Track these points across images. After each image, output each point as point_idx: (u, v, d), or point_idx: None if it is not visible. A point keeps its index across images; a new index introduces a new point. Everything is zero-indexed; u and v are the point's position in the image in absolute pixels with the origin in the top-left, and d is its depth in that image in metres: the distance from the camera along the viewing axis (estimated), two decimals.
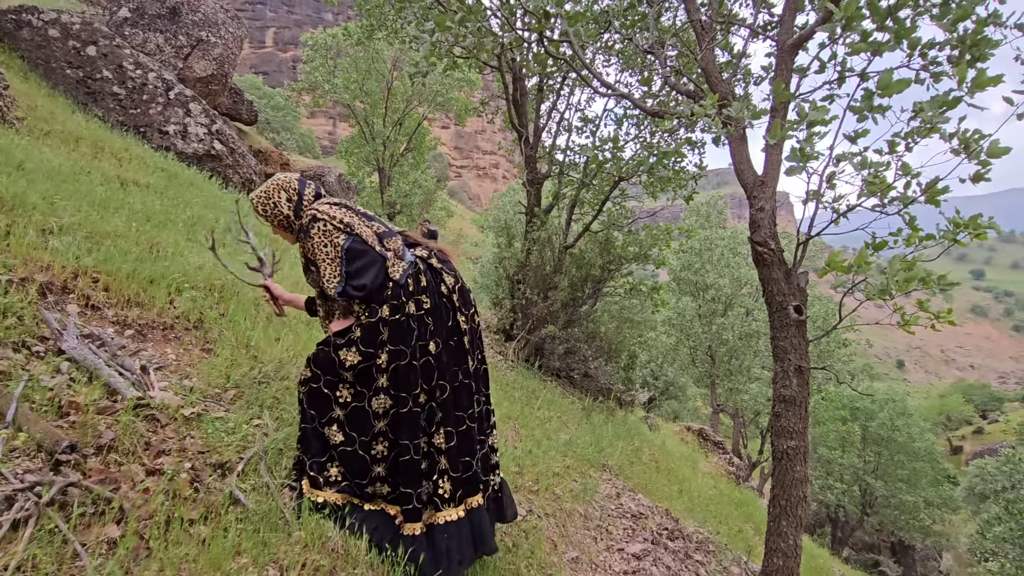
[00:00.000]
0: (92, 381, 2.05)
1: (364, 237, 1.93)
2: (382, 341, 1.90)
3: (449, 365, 2.02)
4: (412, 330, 1.92)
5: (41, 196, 3.38)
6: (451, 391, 2.01)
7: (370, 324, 1.90)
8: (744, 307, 16.54)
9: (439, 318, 2.00)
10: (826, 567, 6.85)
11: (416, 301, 1.94)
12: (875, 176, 2.90)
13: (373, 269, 1.90)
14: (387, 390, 1.91)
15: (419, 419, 1.93)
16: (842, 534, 20.54)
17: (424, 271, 2.01)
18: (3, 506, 1.37)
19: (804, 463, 3.22)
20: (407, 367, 1.91)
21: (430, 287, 2.00)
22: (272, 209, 2.01)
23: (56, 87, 7.47)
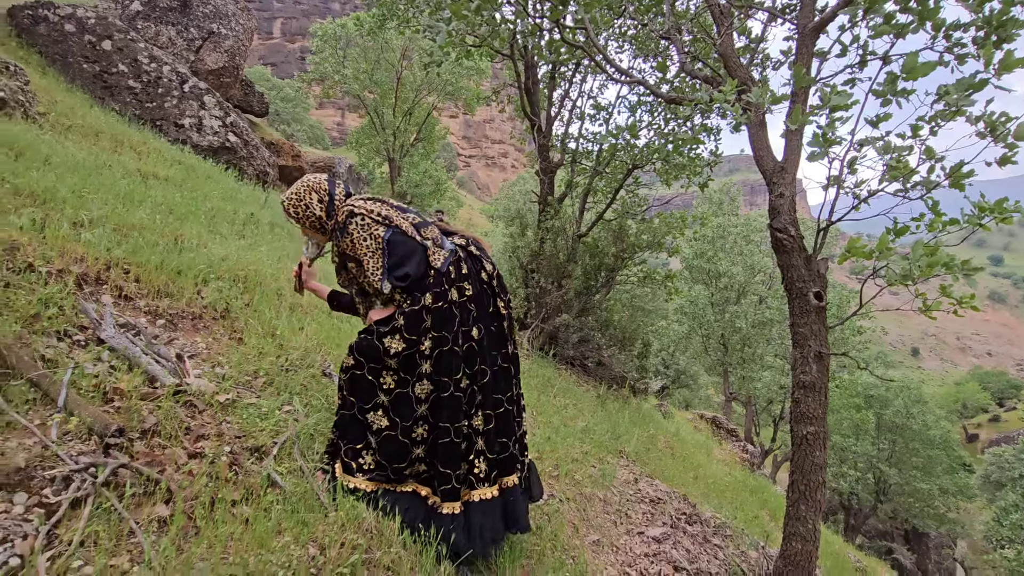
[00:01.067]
0: (132, 369, 2.12)
1: (403, 228, 1.97)
2: (425, 328, 1.93)
3: (489, 350, 2.06)
4: (455, 316, 1.95)
5: (70, 190, 3.46)
6: (491, 375, 2.05)
7: (413, 312, 1.92)
8: (757, 295, 16.44)
9: (481, 304, 2.04)
10: (841, 553, 6.87)
11: (458, 288, 1.98)
12: (898, 160, 2.88)
13: (415, 258, 1.93)
14: (430, 376, 1.95)
15: (461, 403, 1.96)
16: (855, 521, 20.52)
17: (464, 259, 2.05)
18: (61, 485, 1.43)
19: (823, 449, 3.23)
20: (450, 353, 1.94)
21: (471, 274, 2.03)
22: (304, 211, 2.04)
23: (74, 82, 7.56)
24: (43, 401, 1.70)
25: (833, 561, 5.87)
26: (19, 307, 1.99)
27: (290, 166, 12.64)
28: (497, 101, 8.91)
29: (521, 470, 2.19)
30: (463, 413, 1.98)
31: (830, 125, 2.82)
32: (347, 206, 2.01)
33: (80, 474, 1.46)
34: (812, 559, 3.36)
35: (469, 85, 17.61)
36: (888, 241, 2.96)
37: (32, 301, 2.10)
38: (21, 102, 5.36)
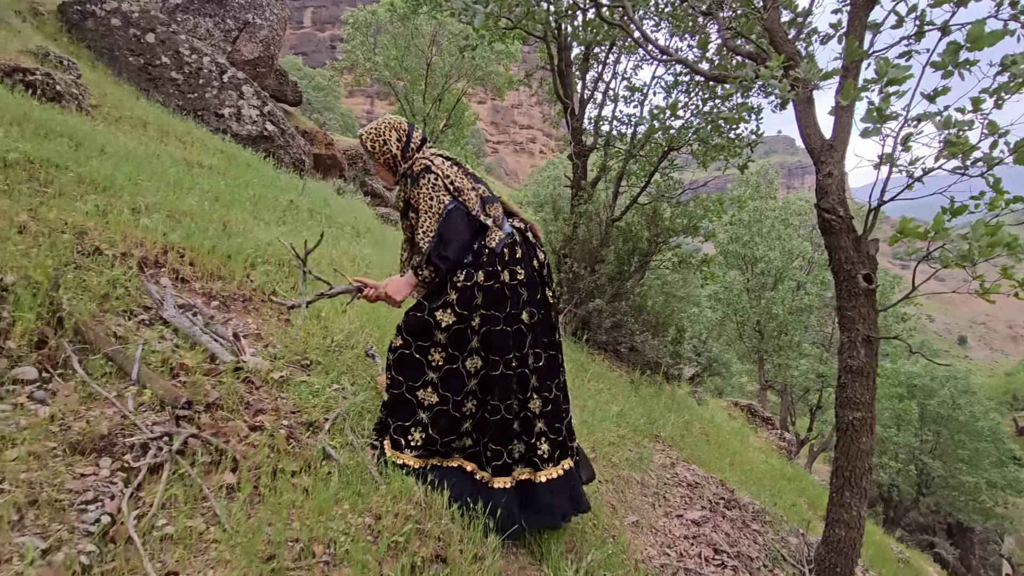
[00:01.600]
0: (193, 347, 2.22)
1: (469, 205, 1.99)
2: (476, 305, 1.97)
3: (541, 336, 2.08)
4: (506, 297, 1.99)
5: (126, 178, 3.61)
6: (545, 360, 2.08)
7: (466, 287, 1.97)
8: (795, 280, 15.97)
9: (532, 290, 2.06)
10: (883, 543, 6.72)
11: (510, 271, 2.00)
12: (958, 136, 2.75)
13: (460, 242, 1.96)
14: (479, 351, 2.00)
15: (511, 382, 2.00)
16: (895, 514, 19.96)
17: (520, 243, 2.07)
18: (140, 452, 1.53)
19: (870, 435, 3.16)
20: (500, 333, 1.98)
21: (524, 259, 2.05)
22: (381, 147, 2.08)
23: (121, 74, 7.84)
24: (118, 375, 1.81)
25: (875, 550, 5.75)
26: (92, 288, 2.11)
27: (324, 154, 12.84)
28: (529, 84, 8.84)
29: (572, 454, 2.22)
30: (513, 392, 2.01)
31: (885, 99, 2.71)
32: (425, 159, 2.04)
33: (156, 442, 1.56)
34: (856, 547, 3.30)
35: (499, 69, 17.50)
36: (944, 221, 2.84)
37: (101, 282, 2.22)
38: (75, 95, 5.59)
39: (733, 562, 2.90)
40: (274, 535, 1.45)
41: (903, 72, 2.57)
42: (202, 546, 1.37)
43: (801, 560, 3.49)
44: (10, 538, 1.15)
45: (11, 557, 1.11)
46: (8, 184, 2.52)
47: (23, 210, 2.26)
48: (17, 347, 1.64)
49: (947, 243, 2.84)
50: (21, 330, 1.67)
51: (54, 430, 1.47)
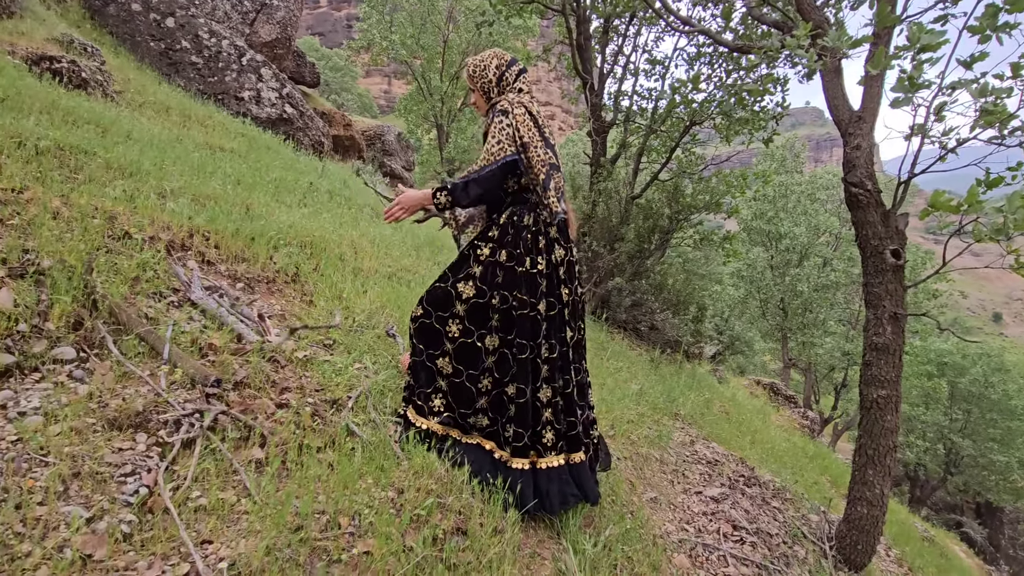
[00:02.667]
0: (220, 327, 2.29)
1: (532, 162, 1.98)
2: (496, 283, 2.01)
3: (556, 329, 2.08)
4: (521, 284, 2.00)
5: (152, 163, 3.69)
6: (559, 353, 2.08)
7: (489, 263, 2.01)
8: (821, 257, 15.57)
9: (551, 282, 2.06)
10: (907, 521, 6.67)
11: (531, 259, 2.02)
12: (995, 104, 2.63)
13: (484, 191, 1.97)
14: (498, 331, 2.03)
15: (527, 367, 2.02)
16: (921, 493, 19.69)
17: (561, 227, 2.09)
18: (173, 428, 1.60)
19: (895, 413, 3.12)
20: (520, 317, 2.00)
21: (546, 250, 2.05)
22: (481, 71, 2.13)
23: (143, 60, 7.93)
24: (150, 354, 1.88)
25: (899, 529, 5.70)
26: (123, 271, 2.18)
27: (342, 135, 12.88)
28: (547, 60, 8.68)
29: (587, 450, 2.22)
30: (530, 378, 2.02)
31: (918, 67, 2.59)
32: (508, 102, 2.02)
33: (188, 418, 1.63)
34: (878, 524, 3.29)
35: (517, 45, 17.20)
36: (978, 193, 2.74)
37: (132, 266, 2.29)
38: (100, 82, 5.69)
39: (752, 538, 2.92)
40: (302, 507, 1.51)
41: (937, 38, 2.46)
42: (234, 517, 1.44)
43: (822, 537, 3.49)
44: (57, 507, 1.22)
45: (59, 525, 1.18)
46: (41, 171, 2.60)
47: (55, 196, 2.33)
48: (56, 328, 1.72)
49: (981, 216, 2.74)
50: (59, 312, 1.75)
51: (93, 407, 1.54)
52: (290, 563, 1.33)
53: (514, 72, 2.14)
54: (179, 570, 1.18)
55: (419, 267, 5.03)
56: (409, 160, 16.20)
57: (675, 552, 2.60)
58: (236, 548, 1.30)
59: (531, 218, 2.04)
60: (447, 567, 1.62)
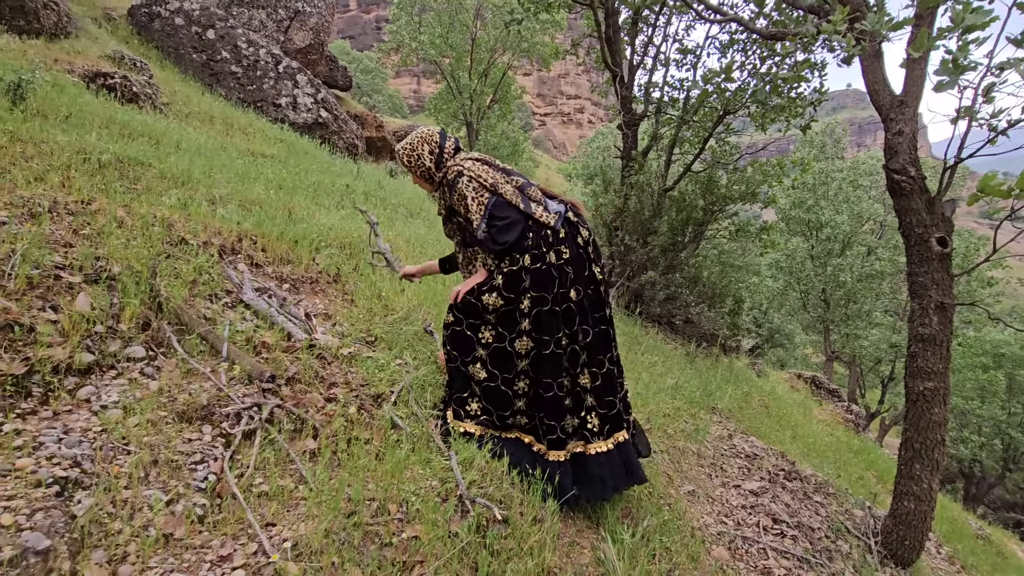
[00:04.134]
0: (271, 326, 2.42)
1: (507, 196, 2.06)
2: (524, 288, 2.04)
3: (590, 312, 2.14)
4: (553, 278, 2.04)
5: (201, 171, 3.89)
6: (593, 335, 2.14)
7: (512, 272, 2.05)
8: (865, 246, 14.98)
9: (578, 268, 2.11)
10: (961, 519, 6.41)
11: (556, 251, 2.06)
12: None
13: (517, 228, 2.02)
14: (529, 333, 2.07)
15: (562, 360, 2.07)
16: (977, 491, 18.77)
17: (564, 223, 2.13)
18: (235, 420, 1.72)
19: (943, 405, 3.03)
20: (549, 312, 2.04)
21: (569, 238, 2.11)
22: (416, 161, 2.19)
23: (187, 71, 8.30)
24: (210, 352, 2.02)
25: (951, 526, 5.50)
26: (183, 274, 2.33)
27: (374, 137, 13.13)
28: (576, 54, 8.64)
29: (628, 427, 2.28)
30: (565, 370, 2.08)
31: (963, 48, 2.51)
32: (456, 165, 2.12)
33: (247, 411, 1.74)
34: (926, 520, 3.21)
35: (545, 40, 17.15)
36: None
37: (189, 270, 2.45)
38: (149, 95, 6.00)
39: (793, 532, 2.89)
40: (353, 494, 1.60)
41: (983, 18, 2.37)
42: (293, 502, 1.55)
43: (867, 532, 3.42)
44: (140, 491, 1.34)
45: (142, 507, 1.31)
46: (104, 183, 2.79)
47: (119, 206, 2.51)
48: (127, 329, 1.86)
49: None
50: (129, 314, 1.90)
51: (163, 401, 1.68)
52: (346, 545, 1.43)
53: (450, 148, 2.21)
54: (248, 548, 1.29)
55: None
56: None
57: (714, 544, 2.61)
58: (297, 530, 1.40)
59: (550, 217, 2.11)
60: (490, 552, 1.69)
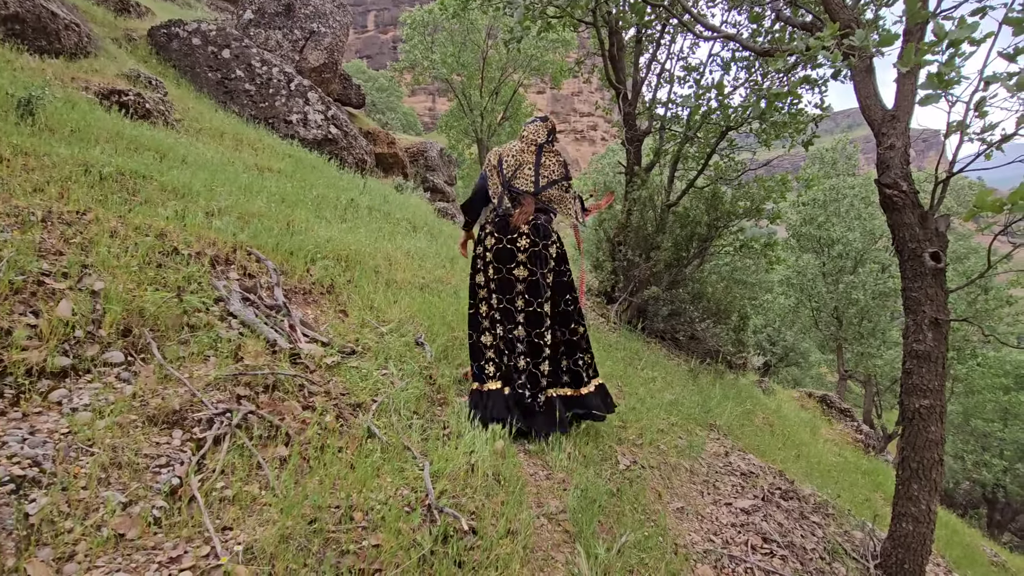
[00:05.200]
0: (259, 337, 2.45)
1: (489, 182, 2.98)
2: (477, 267, 2.97)
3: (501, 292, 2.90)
4: (477, 264, 2.97)
5: (202, 184, 3.99)
6: (500, 312, 2.91)
7: (475, 251, 3.00)
8: (879, 263, 14.75)
9: (503, 261, 2.87)
10: (975, 544, 6.18)
11: (483, 245, 2.93)
12: None
13: (467, 201, 3.13)
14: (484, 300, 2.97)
15: (479, 319, 3.00)
16: (1002, 518, 18.12)
17: (499, 225, 2.90)
18: (206, 426, 1.74)
19: (939, 424, 2.95)
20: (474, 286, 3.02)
21: (497, 237, 2.88)
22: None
23: (201, 89, 8.54)
24: (190, 359, 2.05)
25: (963, 552, 5.32)
26: (170, 283, 2.38)
27: (385, 153, 13.34)
28: (581, 72, 8.75)
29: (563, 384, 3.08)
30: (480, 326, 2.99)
31: (948, 63, 2.50)
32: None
33: (219, 417, 1.77)
34: (925, 542, 3.10)
35: (554, 58, 17.38)
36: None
37: (178, 278, 2.50)
38: (162, 111, 6.19)
39: (783, 552, 2.82)
40: (316, 500, 1.61)
41: (967, 33, 2.36)
42: (255, 507, 1.56)
43: (866, 555, 3.33)
44: (97, 492, 1.37)
45: (98, 507, 1.33)
46: (103, 194, 2.87)
47: (113, 217, 2.58)
48: (107, 335, 1.91)
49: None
50: (110, 320, 1.94)
51: (135, 405, 1.71)
52: (303, 551, 1.43)
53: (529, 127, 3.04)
54: (200, 551, 1.30)
55: (452, 278, 5.16)
56: (451, 175, 16.58)
57: (699, 562, 2.56)
58: (254, 534, 1.41)
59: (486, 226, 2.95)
60: (455, 563, 1.68)
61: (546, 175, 2.89)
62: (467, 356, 3.13)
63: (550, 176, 2.90)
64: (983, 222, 2.81)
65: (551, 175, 2.91)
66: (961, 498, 18.70)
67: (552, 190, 2.91)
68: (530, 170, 2.88)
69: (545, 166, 2.90)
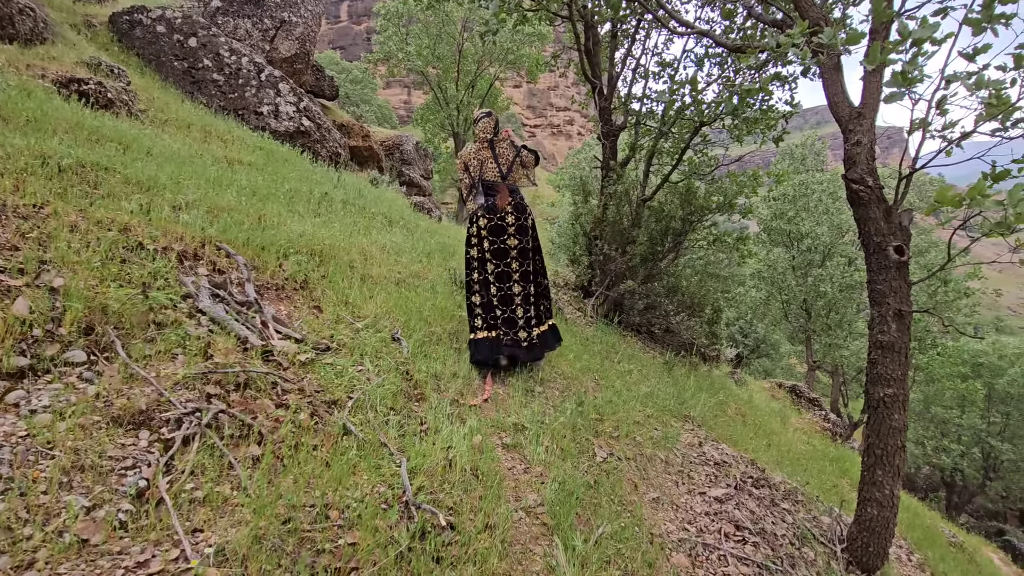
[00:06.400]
0: (229, 334, 2.39)
1: (466, 174, 3.71)
2: (472, 243, 3.68)
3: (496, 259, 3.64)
4: (472, 239, 3.70)
5: (169, 177, 3.86)
6: (495, 275, 3.64)
7: (469, 231, 3.70)
8: (845, 256, 15.20)
9: (493, 233, 3.62)
10: (934, 526, 6.45)
11: (478, 224, 3.63)
12: (996, 96, 2.59)
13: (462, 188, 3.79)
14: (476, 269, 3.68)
15: (473, 285, 3.72)
16: (959, 500, 18.97)
17: (489, 208, 3.61)
18: (175, 426, 1.69)
19: (902, 411, 3.06)
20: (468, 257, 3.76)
21: (490, 218, 3.61)
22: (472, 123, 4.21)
23: (167, 79, 8.26)
24: (157, 357, 1.99)
25: (923, 534, 5.54)
26: (135, 279, 2.30)
27: (360, 146, 13.13)
28: (557, 66, 8.74)
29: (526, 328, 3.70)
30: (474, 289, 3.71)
31: (912, 62, 2.57)
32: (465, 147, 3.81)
33: (188, 417, 1.72)
34: (889, 526, 3.23)
35: (530, 52, 17.32)
36: (985, 187, 2.70)
37: (143, 274, 2.42)
38: (125, 101, 5.96)
39: (755, 538, 2.89)
40: (290, 499, 1.58)
41: (929, 32, 2.44)
42: (227, 508, 1.52)
43: (833, 539, 3.44)
44: (59, 496, 1.32)
45: (60, 512, 1.28)
46: (62, 187, 2.76)
47: (73, 210, 2.48)
48: (68, 333, 1.84)
49: (983, 211, 2.70)
50: (71, 318, 1.87)
51: (99, 406, 1.65)
52: (277, 551, 1.40)
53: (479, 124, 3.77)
54: (169, 555, 1.26)
55: (429, 273, 5.12)
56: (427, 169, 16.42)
57: (674, 551, 2.60)
58: (226, 536, 1.38)
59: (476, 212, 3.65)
60: (433, 559, 1.67)
61: (505, 163, 3.69)
62: (445, 349, 3.56)
63: (508, 161, 3.69)
64: (944, 216, 2.90)
65: (508, 160, 3.69)
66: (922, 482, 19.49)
67: (514, 172, 3.73)
68: (492, 163, 3.67)
69: (501, 155, 3.70)
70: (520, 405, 3.29)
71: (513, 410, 3.18)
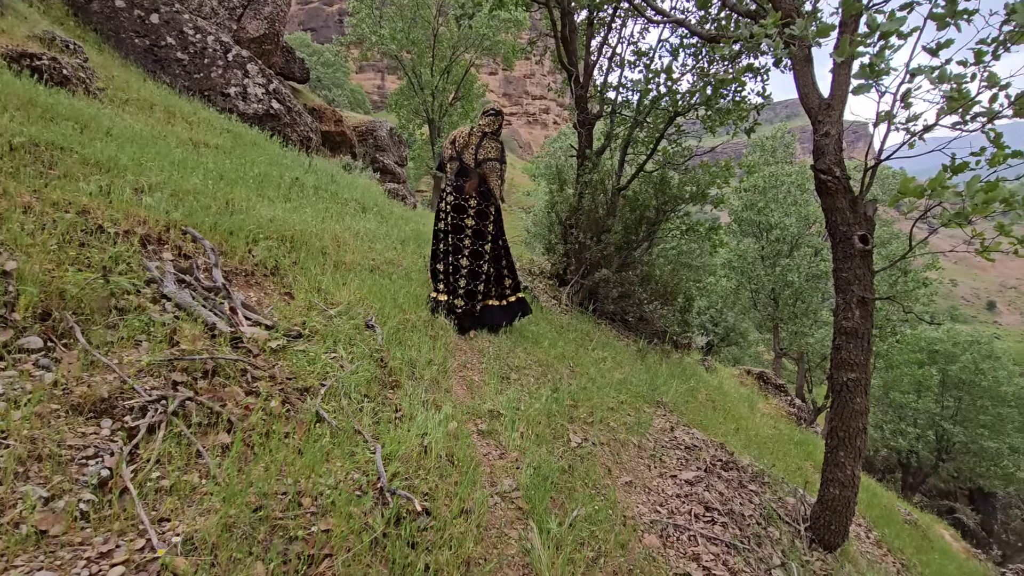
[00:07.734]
0: (196, 320, 2.32)
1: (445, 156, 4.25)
2: (440, 217, 4.23)
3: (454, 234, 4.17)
4: (438, 212, 4.25)
5: (130, 159, 3.70)
6: (452, 247, 4.18)
7: (439, 206, 4.20)
8: (812, 247, 15.64)
9: (458, 212, 4.14)
10: (891, 505, 6.76)
11: (447, 201, 4.15)
12: (957, 90, 2.68)
13: (440, 164, 4.31)
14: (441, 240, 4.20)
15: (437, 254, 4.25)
16: (914, 480, 19.91)
17: (456, 188, 4.14)
18: (139, 414, 1.64)
19: (864, 395, 3.18)
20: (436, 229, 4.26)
21: (456, 197, 4.14)
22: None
23: (127, 57, 7.90)
24: (119, 344, 1.92)
25: (880, 512, 5.80)
26: (95, 263, 2.21)
27: (332, 131, 12.84)
28: (533, 53, 8.68)
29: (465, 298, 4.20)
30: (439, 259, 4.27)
31: (879, 55, 2.64)
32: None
33: (154, 404, 1.66)
34: (850, 505, 3.36)
35: (506, 39, 17.15)
36: (945, 179, 2.79)
37: (104, 259, 2.32)
38: (82, 79, 5.68)
39: (723, 519, 2.98)
40: (261, 487, 1.55)
41: (896, 26, 2.50)
42: (195, 497, 1.49)
43: (797, 519, 3.56)
44: (14, 486, 1.26)
45: (16, 503, 1.23)
46: (14, 167, 2.62)
47: (27, 191, 2.36)
48: (22, 319, 1.75)
49: (944, 202, 2.79)
50: (25, 303, 1.78)
51: (57, 394, 1.58)
52: (248, 539, 1.38)
53: (486, 117, 4.27)
54: (134, 545, 1.23)
55: (403, 259, 5.06)
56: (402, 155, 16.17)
57: (646, 532, 2.66)
58: (194, 525, 1.34)
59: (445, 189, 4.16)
60: (408, 544, 1.67)
61: (483, 155, 4.12)
62: (420, 336, 3.63)
63: (486, 155, 4.11)
64: (906, 207, 3.00)
65: (487, 154, 4.12)
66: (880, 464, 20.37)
67: (485, 166, 4.11)
68: (472, 150, 4.12)
69: (484, 148, 4.13)
70: (495, 392, 3.30)
71: (489, 397, 3.18)
